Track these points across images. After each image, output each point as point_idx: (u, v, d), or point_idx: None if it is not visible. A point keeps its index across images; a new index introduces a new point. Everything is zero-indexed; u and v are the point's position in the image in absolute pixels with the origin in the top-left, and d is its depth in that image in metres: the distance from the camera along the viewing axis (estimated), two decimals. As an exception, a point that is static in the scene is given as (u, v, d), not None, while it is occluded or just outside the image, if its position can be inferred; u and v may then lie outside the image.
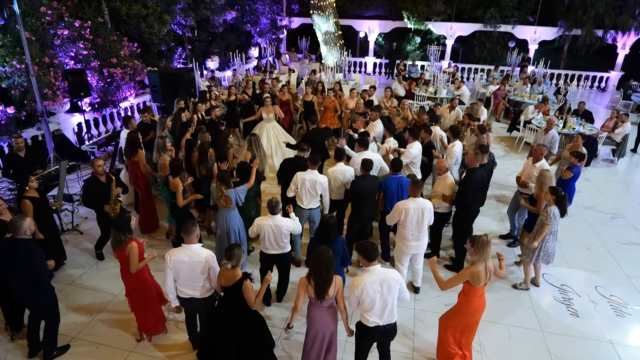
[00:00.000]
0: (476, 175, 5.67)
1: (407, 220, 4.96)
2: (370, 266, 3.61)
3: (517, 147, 11.04)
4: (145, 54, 12.16)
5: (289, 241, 4.90)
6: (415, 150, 6.60)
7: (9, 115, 7.85)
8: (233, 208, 5.18)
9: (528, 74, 16.03)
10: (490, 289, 5.51)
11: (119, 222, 4.06)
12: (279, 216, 4.74)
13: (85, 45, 8.90)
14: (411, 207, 4.93)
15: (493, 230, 7.03)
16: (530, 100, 12.81)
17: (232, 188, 5.09)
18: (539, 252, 5.30)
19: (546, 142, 7.97)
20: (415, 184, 5.02)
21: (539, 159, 6.25)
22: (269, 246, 4.79)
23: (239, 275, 3.74)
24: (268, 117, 8.83)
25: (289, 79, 15.37)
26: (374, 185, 5.61)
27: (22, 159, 6.35)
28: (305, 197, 5.56)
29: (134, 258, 4.05)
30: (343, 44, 18.41)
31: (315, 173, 5.52)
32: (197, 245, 3.95)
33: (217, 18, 14.30)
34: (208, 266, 3.90)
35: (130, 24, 10.44)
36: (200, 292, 4.00)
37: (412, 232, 5.02)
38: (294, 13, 21.54)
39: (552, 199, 5.06)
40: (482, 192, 6.00)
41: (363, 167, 5.55)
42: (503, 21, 18.94)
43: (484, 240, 3.80)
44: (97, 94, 9.46)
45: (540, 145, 6.41)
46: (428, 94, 13.26)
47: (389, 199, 5.68)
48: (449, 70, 16.56)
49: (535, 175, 6.16)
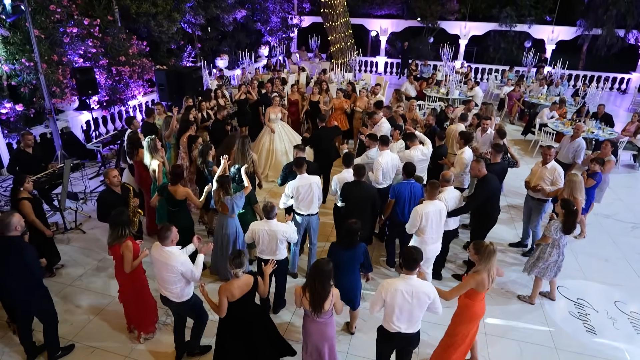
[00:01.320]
0: (489, 181, 5.42)
1: (428, 225, 4.79)
2: (407, 274, 3.47)
3: (531, 151, 10.72)
4: (155, 52, 12.12)
5: (285, 247, 4.73)
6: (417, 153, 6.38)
7: (18, 113, 7.85)
8: (231, 215, 5.03)
9: (544, 74, 15.61)
10: (500, 301, 5.33)
11: (122, 217, 4.02)
12: (275, 221, 4.56)
13: (94, 43, 8.86)
14: (430, 210, 4.77)
15: (506, 239, 6.79)
16: (547, 102, 12.42)
17: (231, 195, 4.92)
18: (535, 262, 5.09)
19: (571, 150, 7.61)
20: (432, 185, 4.82)
21: (548, 160, 6.03)
22: (264, 250, 4.64)
23: (251, 278, 3.70)
24: (276, 117, 8.68)
25: (299, 78, 15.20)
26: (367, 194, 5.29)
27: (30, 155, 6.31)
28: (304, 204, 5.34)
29: (128, 257, 4.00)
30: (353, 43, 18.17)
31: (305, 177, 5.28)
32: (170, 248, 3.85)
33: (227, 16, 14.19)
34: (178, 273, 3.84)
35: (139, 22, 10.37)
36: (172, 295, 3.94)
37: (431, 236, 4.87)
38: (305, 12, 21.37)
39: (561, 212, 4.80)
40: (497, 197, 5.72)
41: (356, 173, 5.26)
42: (519, 20, 18.51)
43: (491, 250, 3.65)
44: (106, 92, 9.43)
45: (550, 147, 6.15)
46: (440, 95, 12.98)
47: (400, 206, 5.44)
48: (461, 70, 16.22)
49: (548, 177, 5.97)
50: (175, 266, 3.76)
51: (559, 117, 10.87)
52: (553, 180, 5.97)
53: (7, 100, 7.62)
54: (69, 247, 6.07)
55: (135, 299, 4.35)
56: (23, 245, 3.86)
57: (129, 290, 4.28)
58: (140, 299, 4.38)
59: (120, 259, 4.03)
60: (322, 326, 3.65)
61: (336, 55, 17.93)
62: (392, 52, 22.70)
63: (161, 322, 4.81)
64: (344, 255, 4.24)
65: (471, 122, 8.46)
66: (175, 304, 3.98)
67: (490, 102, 10.25)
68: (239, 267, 3.58)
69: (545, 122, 10.65)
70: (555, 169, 5.97)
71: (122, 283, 4.27)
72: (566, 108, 11.44)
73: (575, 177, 5.49)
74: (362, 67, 20.06)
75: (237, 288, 3.64)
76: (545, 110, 11.03)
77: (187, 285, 3.96)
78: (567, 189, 5.47)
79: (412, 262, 3.44)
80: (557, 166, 6.04)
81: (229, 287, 3.64)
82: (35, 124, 8.44)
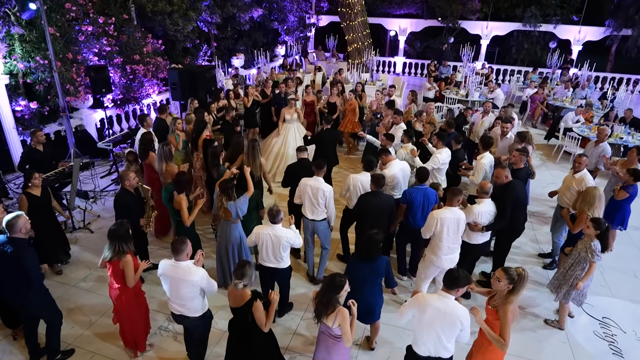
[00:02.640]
0: (513, 187, 5.07)
1: (444, 232, 4.55)
2: (445, 292, 3.25)
3: (554, 157, 10.27)
4: (171, 51, 12.12)
5: (288, 255, 4.52)
6: (443, 156, 6.16)
7: (33, 110, 7.88)
8: (235, 221, 4.85)
9: (570, 77, 15.04)
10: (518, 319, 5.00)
11: (119, 232, 3.77)
12: (280, 226, 4.36)
13: (109, 41, 8.85)
14: (448, 216, 4.53)
15: (527, 250, 6.46)
16: (572, 106, 11.93)
17: (234, 200, 4.73)
18: (569, 291, 4.64)
19: (594, 155, 7.19)
20: (453, 192, 4.59)
21: (580, 169, 5.65)
22: (265, 258, 4.44)
23: (249, 295, 3.47)
24: (291, 117, 8.48)
25: (315, 78, 15.03)
26: (385, 204, 5.03)
27: (41, 153, 6.29)
28: (307, 207, 5.19)
29: (130, 272, 3.81)
30: (371, 42, 17.89)
31: (319, 180, 5.10)
32: (187, 263, 3.64)
33: (244, 15, 14.09)
34: (198, 287, 3.61)
35: (155, 20, 10.35)
36: (189, 311, 3.73)
37: (448, 245, 4.61)
38: (322, 11, 21.16)
39: (594, 233, 4.39)
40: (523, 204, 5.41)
41: (374, 183, 5.00)
42: (544, 20, 17.90)
43: (524, 275, 3.33)
44: (120, 90, 9.42)
45: (581, 155, 5.76)
46: (459, 97, 12.61)
47: (413, 211, 5.19)
48: (482, 71, 15.77)
49: (574, 187, 5.60)
50: (195, 281, 3.56)
51: (584, 122, 10.40)
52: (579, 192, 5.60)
53: (22, 98, 7.67)
54: (76, 247, 6.02)
55: (133, 316, 4.11)
56: (25, 248, 3.78)
57: (127, 307, 4.02)
58: (138, 316, 4.16)
59: (117, 275, 3.84)
60: (326, 338, 3.46)
61: (353, 55, 17.69)
62: (410, 52, 22.32)
63: (163, 328, 4.69)
64: (364, 268, 4.01)
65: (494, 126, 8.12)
66: (193, 319, 3.79)
67: (511, 103, 9.88)
68: (239, 279, 3.37)
69: (570, 127, 10.20)
70: (584, 179, 5.56)
71: (119, 300, 4.00)
72: (593, 112, 10.95)
73: (594, 190, 4.98)
74: (380, 67, 19.73)
75: (232, 297, 3.49)
76: (571, 114, 10.57)
77: (204, 298, 3.80)
78: (582, 201, 5.03)
79: (451, 282, 3.22)
80: (587, 176, 5.60)
81: (230, 292, 3.52)
82: (50, 121, 8.47)
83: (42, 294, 4.01)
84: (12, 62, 7.40)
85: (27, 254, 3.76)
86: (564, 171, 9.34)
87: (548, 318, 5.04)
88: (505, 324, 3.31)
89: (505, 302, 3.33)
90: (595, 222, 4.40)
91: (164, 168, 5.60)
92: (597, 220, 4.43)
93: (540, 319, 5.05)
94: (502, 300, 3.35)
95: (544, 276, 5.83)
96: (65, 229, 6.30)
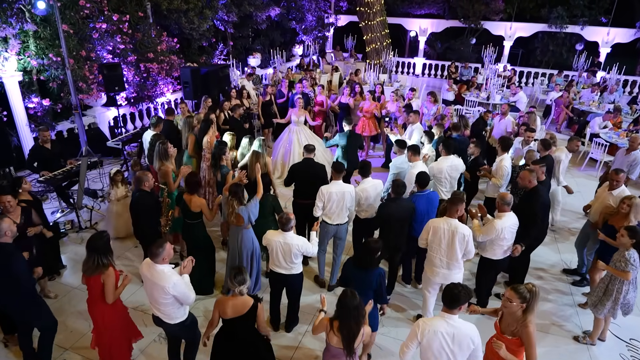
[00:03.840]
0: (540, 194, 4.85)
1: (435, 242, 4.25)
2: (448, 313, 2.99)
3: (580, 163, 9.79)
4: (187, 49, 12.08)
5: (300, 262, 4.33)
6: (442, 165, 5.73)
7: (45, 108, 7.88)
8: (247, 227, 4.65)
9: (598, 80, 14.43)
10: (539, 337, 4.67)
11: (99, 244, 3.48)
12: (291, 233, 4.20)
13: (124, 39, 8.81)
14: (441, 226, 4.20)
15: (551, 263, 6.10)
16: (599, 110, 11.41)
17: (245, 205, 4.54)
18: (614, 306, 4.30)
19: (625, 164, 6.74)
20: (452, 201, 4.22)
21: (617, 186, 5.21)
22: (277, 263, 4.28)
23: (251, 300, 3.32)
24: (298, 119, 8.24)
25: (331, 78, 14.81)
26: (406, 211, 4.82)
27: (48, 151, 6.26)
28: (334, 213, 4.98)
29: (110, 287, 3.52)
30: (390, 43, 17.54)
31: (340, 184, 4.94)
32: (163, 267, 3.40)
33: (261, 14, 13.96)
34: (170, 295, 3.41)
35: (170, 18, 10.29)
36: (164, 316, 3.55)
37: (440, 257, 4.27)
38: (341, 11, 20.90)
39: (629, 242, 4.09)
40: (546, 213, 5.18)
41: (395, 190, 4.80)
42: (571, 21, 17.24)
43: (535, 290, 3.07)
44: (133, 88, 9.38)
45: (619, 171, 5.29)
46: (479, 100, 12.20)
47: (416, 219, 4.94)
48: (504, 74, 15.28)
49: (611, 205, 5.15)
50: (166, 288, 3.35)
51: (612, 127, 9.89)
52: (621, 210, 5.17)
53: (34, 95, 7.68)
54: (81, 248, 5.92)
55: (115, 336, 3.77)
56: (12, 252, 3.61)
57: (109, 325, 3.70)
58: (120, 335, 3.84)
59: (97, 290, 3.55)
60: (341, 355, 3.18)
61: (371, 55, 17.40)
62: (431, 53, 21.87)
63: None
64: (357, 274, 3.80)
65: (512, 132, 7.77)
66: (169, 325, 3.62)
67: (534, 106, 9.47)
68: (242, 284, 3.29)
69: (597, 132, 9.70)
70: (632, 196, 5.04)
71: (100, 319, 3.67)
72: (621, 117, 10.41)
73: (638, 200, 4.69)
74: (399, 68, 19.36)
75: (231, 307, 3.32)
76: (598, 118, 10.07)
77: (181, 306, 3.59)
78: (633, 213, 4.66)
79: (452, 301, 2.95)
80: (626, 194, 5.12)
81: (223, 303, 3.35)
82: (62, 119, 8.49)
83: (32, 301, 3.83)
84: (25, 58, 7.41)
85: (13, 259, 3.60)
86: (589, 179, 8.93)
87: (576, 334, 4.74)
88: (531, 347, 3.05)
89: (524, 324, 3.05)
90: (630, 230, 4.10)
91: (157, 166, 5.45)
92: (632, 228, 4.13)
93: (563, 337, 4.71)
94: (521, 324, 3.06)
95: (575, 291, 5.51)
96: (72, 228, 6.24)
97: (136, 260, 5.76)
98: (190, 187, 4.68)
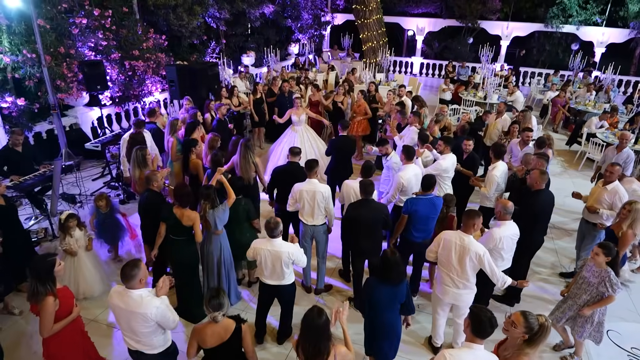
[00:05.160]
0: (542, 198, 4.66)
1: (444, 256, 3.88)
2: (475, 343, 2.68)
3: (577, 164, 9.56)
4: (177, 47, 11.75)
5: (292, 271, 4.02)
6: (447, 163, 5.59)
7: (20, 107, 7.46)
8: (215, 232, 4.34)
9: (592, 79, 14.26)
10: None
11: (39, 268, 3.07)
12: (280, 240, 3.86)
13: (107, 36, 8.48)
14: (453, 240, 3.80)
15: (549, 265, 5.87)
16: (595, 110, 11.25)
17: (215, 208, 4.24)
18: (584, 325, 3.97)
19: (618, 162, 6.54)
20: (469, 214, 3.77)
21: (611, 180, 5.04)
22: (267, 274, 3.95)
23: (233, 323, 2.99)
24: (299, 119, 7.80)
25: (327, 77, 14.54)
26: (375, 214, 4.47)
27: (19, 154, 5.92)
28: (306, 212, 4.77)
29: (45, 319, 3.08)
30: (386, 41, 17.27)
31: (313, 183, 4.70)
32: (140, 292, 3.00)
33: (254, 11, 13.65)
34: (153, 322, 3.03)
35: (158, 14, 9.97)
36: (146, 347, 3.14)
37: (451, 274, 3.88)
38: (338, 9, 20.63)
39: (605, 260, 3.73)
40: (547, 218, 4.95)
41: (363, 190, 4.46)
42: (567, 21, 17.07)
43: (546, 325, 2.73)
44: (118, 87, 9.06)
45: (614, 164, 5.12)
46: (477, 99, 11.96)
47: (415, 223, 4.64)
48: (502, 73, 15.08)
49: (606, 200, 5.02)
50: (148, 314, 2.95)
51: (609, 127, 9.68)
52: (612, 205, 5.01)
53: (8, 94, 7.27)
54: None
55: None
56: None
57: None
58: None
59: None
60: None
61: (367, 54, 17.12)
62: (428, 52, 21.65)
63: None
64: (385, 291, 3.47)
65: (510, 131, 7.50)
66: (151, 356, 3.18)
67: (530, 106, 9.25)
68: (218, 309, 2.90)
69: (593, 132, 9.49)
70: (617, 192, 4.97)
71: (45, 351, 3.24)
72: (618, 117, 10.20)
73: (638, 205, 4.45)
74: (397, 67, 19.10)
75: (211, 335, 2.96)
76: (594, 118, 9.88)
77: (164, 332, 3.22)
78: (627, 219, 4.45)
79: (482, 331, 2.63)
80: (619, 188, 5.02)
81: (202, 331, 2.98)
82: (40, 119, 8.06)
83: None
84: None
85: None
86: (586, 179, 8.69)
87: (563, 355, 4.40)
88: None
89: (519, 353, 2.72)
90: (604, 248, 3.75)
91: (137, 175, 5.07)
92: (606, 245, 3.78)
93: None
94: (516, 353, 2.74)
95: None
96: (45, 236, 5.91)
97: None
98: (180, 199, 4.22)
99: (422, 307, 5.00)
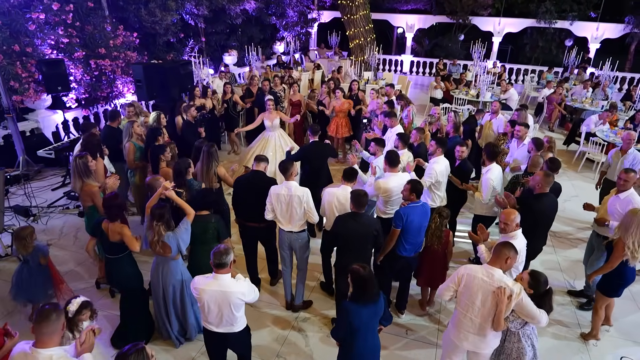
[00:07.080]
0: (543, 203, 4.30)
1: (466, 296, 3.11)
2: None
3: (576, 164, 9.06)
4: (151, 45, 11.06)
5: (243, 314, 3.24)
6: (441, 166, 5.04)
7: (-32, 111, 6.80)
8: (174, 258, 3.71)
9: (587, 76, 13.84)
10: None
11: None
12: (227, 277, 3.06)
13: (69, 32, 7.79)
14: (478, 276, 3.05)
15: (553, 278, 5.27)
16: (592, 108, 10.76)
17: (172, 230, 3.61)
18: None
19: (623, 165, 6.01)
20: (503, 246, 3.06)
21: (626, 188, 4.41)
22: (211, 320, 3.16)
23: None
24: (272, 124, 7.01)
25: (313, 76, 13.95)
26: (368, 229, 3.86)
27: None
28: (283, 217, 4.26)
29: None
30: (374, 38, 16.72)
31: (290, 186, 4.16)
32: (56, 352, 2.34)
33: (234, 8, 12.99)
34: None
35: (129, 10, 9.30)
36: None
37: (471, 317, 3.12)
38: (325, 6, 20.04)
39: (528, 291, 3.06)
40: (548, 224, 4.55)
41: (354, 202, 3.83)
42: (560, 16, 16.69)
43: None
44: (84, 88, 8.37)
45: (629, 171, 4.46)
46: (469, 97, 11.46)
47: (407, 235, 4.10)
48: (494, 70, 14.59)
49: (618, 210, 4.39)
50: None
51: (609, 126, 9.19)
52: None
53: (-47, 97, 6.61)
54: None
55: None
56: None
57: None
58: None
59: None
60: None
61: (355, 51, 16.56)
62: (418, 50, 21.15)
63: None
64: (365, 312, 2.95)
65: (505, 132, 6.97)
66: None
67: (525, 105, 8.75)
68: None
69: (593, 131, 8.99)
70: (632, 201, 4.32)
71: None
72: (617, 115, 9.75)
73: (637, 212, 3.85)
74: (386, 65, 18.55)
75: None
76: (593, 117, 9.37)
77: None
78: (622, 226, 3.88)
79: None
80: (635, 197, 4.37)
81: None
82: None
83: None
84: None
85: None
86: (586, 181, 8.23)
87: None
88: None
89: None
90: (532, 277, 3.11)
91: (78, 187, 4.37)
92: (535, 275, 3.13)
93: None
94: None
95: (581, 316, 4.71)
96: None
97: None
98: (109, 211, 3.68)
99: (410, 333, 4.44)
